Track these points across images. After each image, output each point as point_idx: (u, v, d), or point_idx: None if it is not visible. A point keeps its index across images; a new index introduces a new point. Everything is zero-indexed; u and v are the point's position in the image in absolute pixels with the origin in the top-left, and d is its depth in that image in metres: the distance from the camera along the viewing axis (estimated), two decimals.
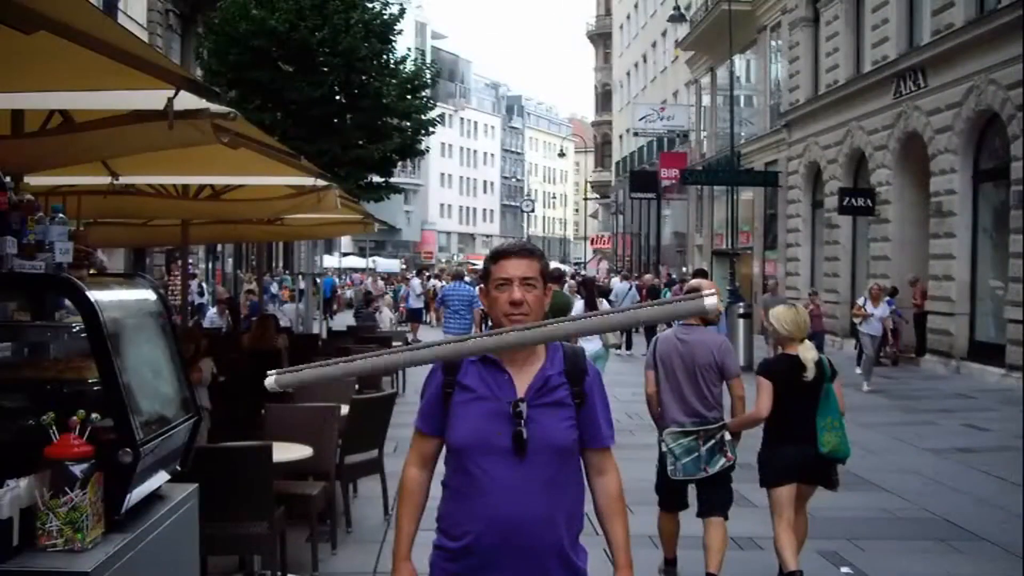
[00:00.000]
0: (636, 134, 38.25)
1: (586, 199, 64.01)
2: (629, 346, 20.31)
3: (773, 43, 26.97)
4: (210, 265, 25.26)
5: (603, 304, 10.91)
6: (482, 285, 2.71)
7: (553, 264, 12.86)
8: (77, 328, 3.55)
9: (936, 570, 5.92)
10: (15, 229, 3.41)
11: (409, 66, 21.12)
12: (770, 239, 26.81)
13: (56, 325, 3.79)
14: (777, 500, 5.16)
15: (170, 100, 3.27)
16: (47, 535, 2.89)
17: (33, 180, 4.95)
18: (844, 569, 5.81)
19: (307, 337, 13.91)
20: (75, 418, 2.97)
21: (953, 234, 16.37)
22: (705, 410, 5.23)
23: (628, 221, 46.57)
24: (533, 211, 73.62)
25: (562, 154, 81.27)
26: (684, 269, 32.08)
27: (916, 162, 18.04)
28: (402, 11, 20.66)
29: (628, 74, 49.65)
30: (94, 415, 3.03)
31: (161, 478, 3.57)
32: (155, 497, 3.49)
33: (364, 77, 19.01)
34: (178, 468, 3.77)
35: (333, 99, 19.10)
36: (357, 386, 8.32)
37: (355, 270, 45.84)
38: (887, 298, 14.93)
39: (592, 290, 11.00)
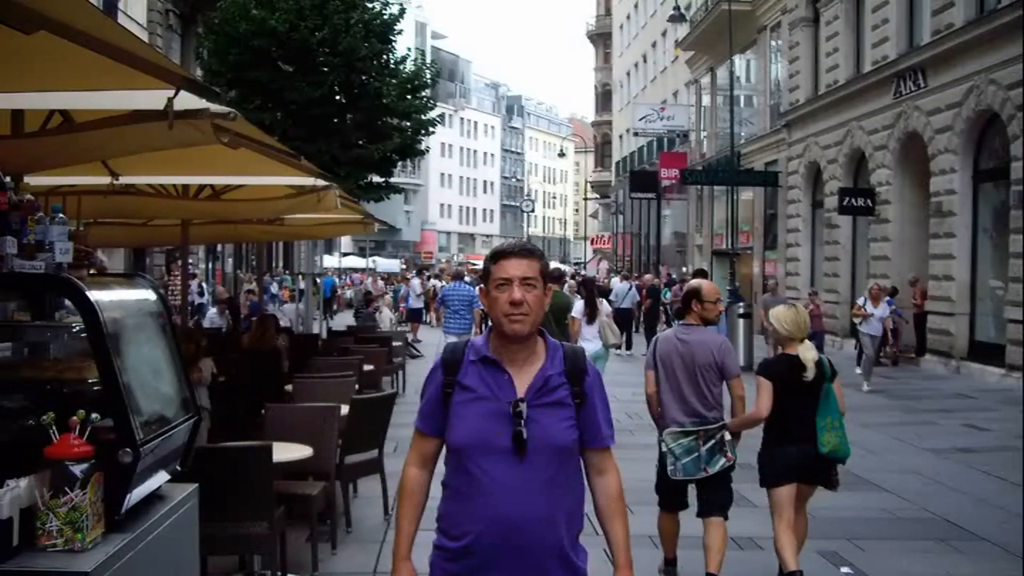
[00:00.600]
0: (636, 134, 38.24)
1: (586, 199, 64.00)
2: (629, 346, 20.30)
3: (773, 43, 26.97)
4: (210, 265, 25.27)
5: (603, 304, 10.91)
6: (482, 285, 2.70)
7: (553, 264, 12.86)
8: (77, 328, 3.55)
9: (936, 570, 5.92)
10: (15, 229, 3.41)
11: (409, 66, 21.12)
12: (770, 239, 26.81)
13: (56, 325, 3.79)
14: (777, 500, 5.16)
15: (170, 100, 3.27)
16: (47, 535, 2.89)
17: (33, 180, 4.96)
18: (844, 569, 5.81)
19: (307, 337, 13.91)
20: (75, 418, 2.97)
21: (953, 234, 16.37)
22: (705, 410, 5.23)
23: (628, 221, 46.57)
24: (533, 211, 73.60)
25: (562, 154, 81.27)
26: (684, 269, 32.06)
27: (916, 162, 18.04)
28: (402, 11, 20.66)
29: (628, 74, 49.65)
30: (94, 415, 3.03)
31: (161, 478, 3.56)
32: (155, 497, 3.49)
33: (364, 77, 19.02)
34: (178, 468, 3.76)
35: (333, 99, 19.10)
36: (357, 386, 8.32)
37: (355, 270, 45.84)
38: (887, 298, 14.92)
39: (592, 290, 11.01)
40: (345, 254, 51.57)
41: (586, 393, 2.64)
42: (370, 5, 19.99)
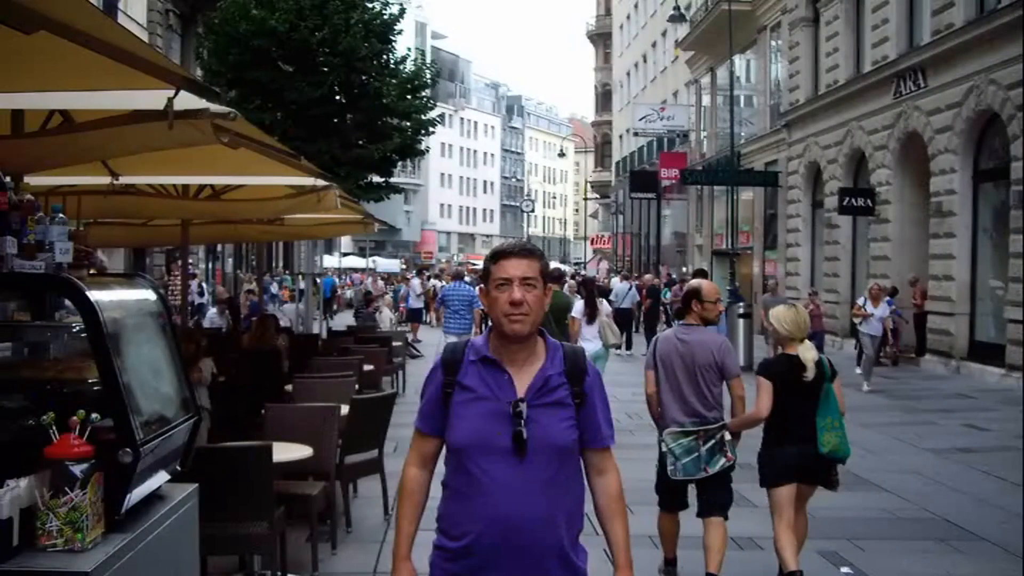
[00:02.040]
0: (636, 134, 38.24)
1: (586, 199, 63.99)
2: (629, 346, 20.30)
3: (773, 43, 26.97)
4: (210, 265, 25.28)
5: (603, 304, 10.91)
6: (482, 285, 2.70)
7: (553, 264, 12.86)
8: (77, 328, 3.55)
9: (936, 570, 5.92)
10: (15, 229, 3.41)
11: (409, 66, 21.13)
12: (770, 239, 26.81)
13: (56, 325, 3.79)
14: (777, 500, 5.16)
15: (170, 100, 3.27)
16: (47, 535, 2.88)
17: (33, 180, 4.95)
18: (844, 569, 5.81)
19: (307, 337, 13.91)
20: (75, 418, 2.97)
21: (953, 234, 16.37)
22: (705, 410, 5.23)
23: (628, 221, 46.57)
24: (533, 211, 73.59)
25: (562, 154, 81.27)
26: (684, 269, 32.06)
27: (916, 162, 18.04)
28: (402, 11, 20.66)
29: (628, 74, 49.65)
30: (94, 415, 3.02)
31: (161, 478, 3.56)
32: (155, 497, 3.49)
33: (364, 77, 19.02)
34: (178, 468, 3.76)
35: (333, 99, 19.10)
36: (357, 386, 8.32)
37: (355, 270, 45.84)
38: (887, 298, 14.92)
39: (592, 290, 11.01)
40: (345, 254, 51.57)
41: (586, 393, 2.64)
42: (370, 5, 20.00)
